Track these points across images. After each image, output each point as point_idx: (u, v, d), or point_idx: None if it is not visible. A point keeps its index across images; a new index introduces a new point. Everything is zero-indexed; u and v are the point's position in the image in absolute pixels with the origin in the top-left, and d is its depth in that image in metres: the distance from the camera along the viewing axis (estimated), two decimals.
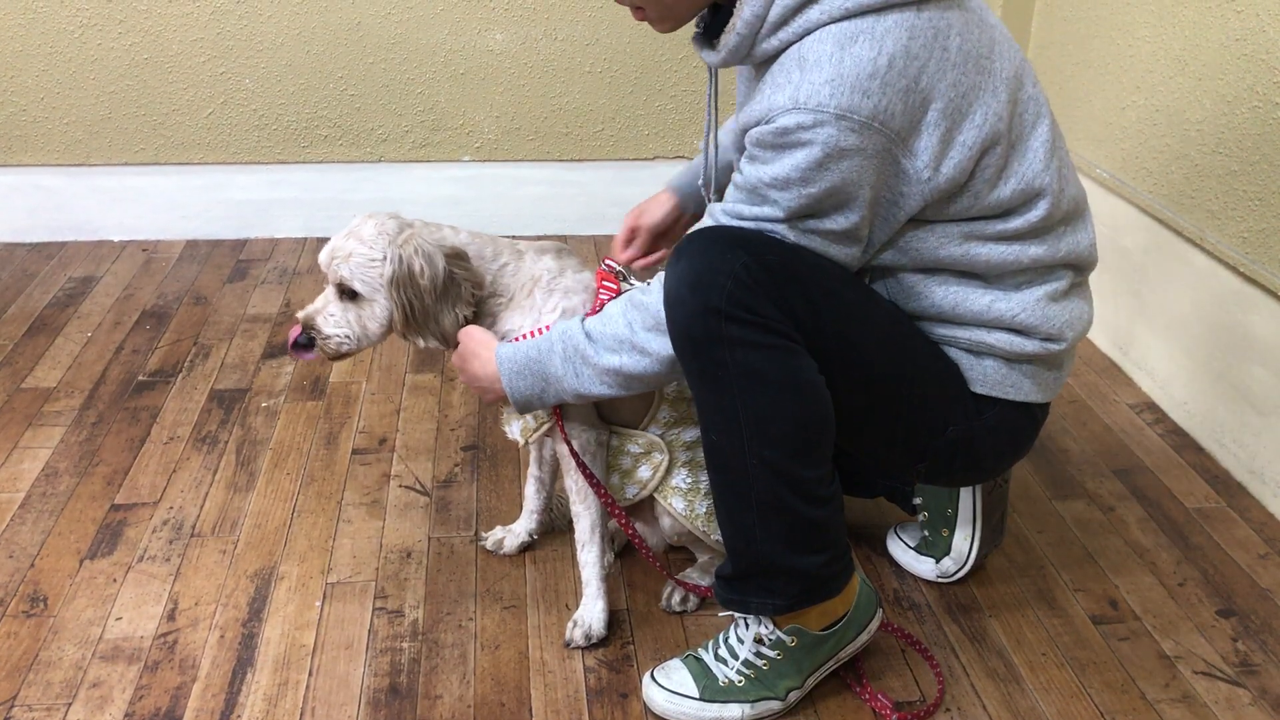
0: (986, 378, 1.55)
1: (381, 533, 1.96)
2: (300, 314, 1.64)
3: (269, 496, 2.06)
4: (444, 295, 1.60)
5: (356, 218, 1.64)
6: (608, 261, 1.69)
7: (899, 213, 1.42)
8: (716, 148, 1.66)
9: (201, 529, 1.96)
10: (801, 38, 1.36)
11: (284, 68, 3.07)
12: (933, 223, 1.46)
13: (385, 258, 1.58)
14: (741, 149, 1.47)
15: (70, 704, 1.59)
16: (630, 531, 1.69)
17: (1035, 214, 1.47)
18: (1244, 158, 2.11)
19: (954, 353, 1.55)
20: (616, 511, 1.68)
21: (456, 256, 1.61)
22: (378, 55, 3.08)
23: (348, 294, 1.62)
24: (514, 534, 1.91)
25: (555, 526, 1.96)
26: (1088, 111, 2.67)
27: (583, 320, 1.53)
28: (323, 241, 3.19)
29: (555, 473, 1.89)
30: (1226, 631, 1.77)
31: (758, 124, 1.38)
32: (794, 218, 1.39)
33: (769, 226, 1.41)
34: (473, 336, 1.62)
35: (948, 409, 1.55)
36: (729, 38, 1.40)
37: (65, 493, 2.06)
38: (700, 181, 1.72)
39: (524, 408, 1.60)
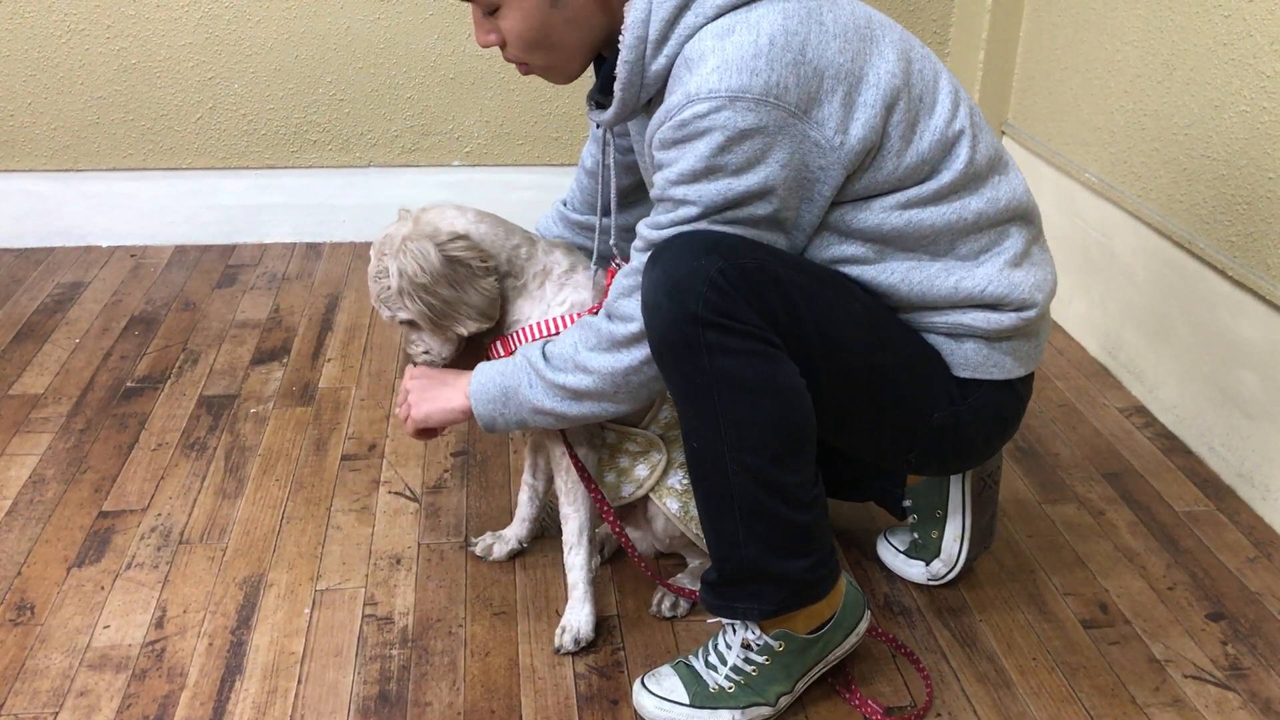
0: (968, 360, 1.55)
1: (371, 539, 1.96)
2: (405, 351, 1.71)
3: (258, 503, 2.05)
4: (455, 280, 1.59)
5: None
6: (619, 263, 1.70)
7: (823, 188, 1.42)
8: (614, 213, 1.69)
9: (190, 536, 1.96)
10: (679, 51, 1.40)
11: (273, 72, 3.06)
12: (868, 199, 1.46)
13: (390, 274, 1.60)
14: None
15: (57, 713, 1.59)
16: (619, 532, 1.69)
17: (959, 161, 1.48)
18: (1232, 161, 2.11)
19: (934, 339, 1.55)
20: (609, 514, 1.68)
21: (453, 239, 1.60)
22: (367, 60, 3.07)
23: (408, 323, 1.65)
24: (504, 540, 1.90)
25: (546, 533, 1.95)
26: (1076, 115, 2.67)
27: (544, 343, 1.57)
28: (312, 247, 3.19)
29: (549, 482, 1.89)
30: (1216, 635, 1.77)
31: (659, 128, 1.40)
32: (711, 212, 1.40)
33: (689, 228, 1.42)
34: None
35: (931, 396, 1.55)
36: (620, 69, 1.42)
37: (52, 500, 2.05)
38: (594, 261, 1.75)
39: (488, 424, 1.61)
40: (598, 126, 1.67)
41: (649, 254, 1.44)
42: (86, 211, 3.14)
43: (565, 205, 1.85)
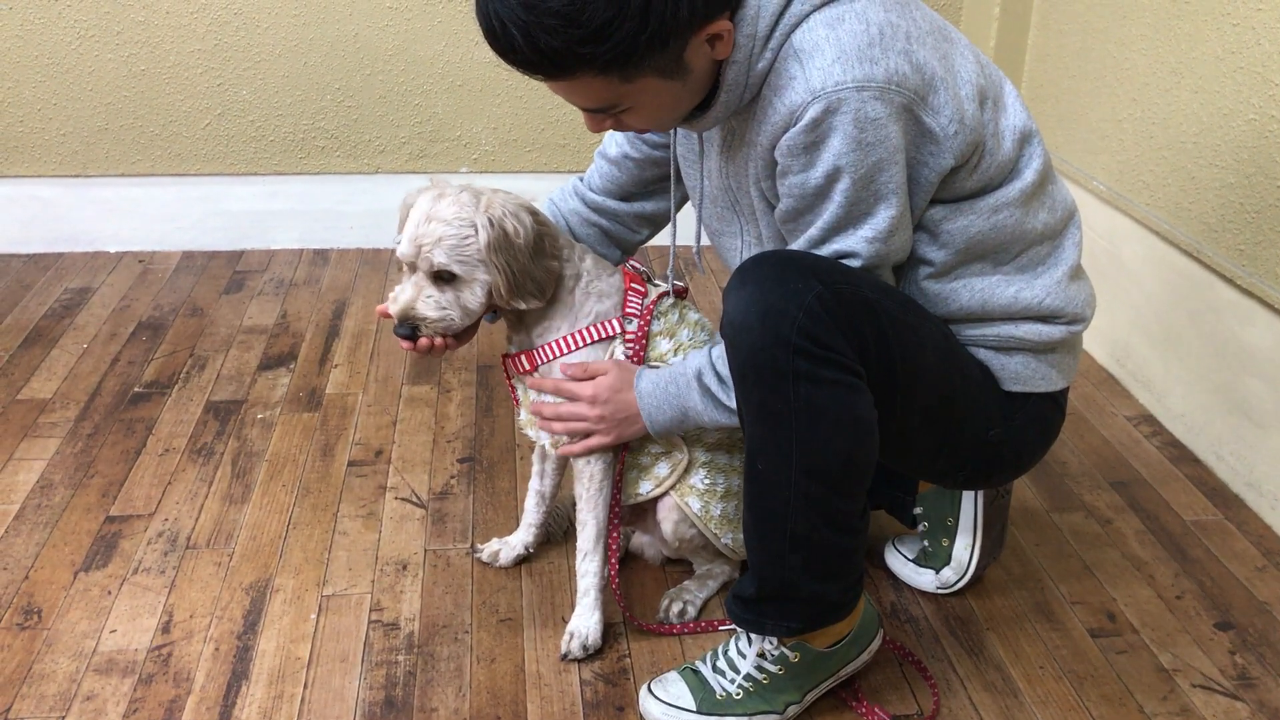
0: (1018, 375, 1.56)
1: (377, 545, 1.96)
2: (394, 308, 1.58)
3: (264, 508, 2.05)
4: (537, 251, 1.59)
5: (420, 196, 1.58)
6: (632, 263, 1.70)
7: (930, 173, 1.41)
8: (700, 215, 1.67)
9: (197, 541, 1.96)
10: (784, 43, 1.37)
11: (281, 79, 3.07)
12: (957, 201, 1.46)
13: (476, 228, 1.55)
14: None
15: (64, 717, 1.58)
16: (614, 558, 1.71)
17: (1036, 160, 1.49)
18: (1240, 170, 2.11)
19: (983, 353, 1.55)
20: (615, 530, 1.70)
21: (538, 215, 1.61)
22: (375, 66, 3.08)
23: (444, 278, 1.57)
24: (510, 546, 1.90)
25: (553, 539, 1.95)
26: (1084, 124, 2.67)
27: (712, 360, 1.53)
28: (320, 253, 3.19)
29: (556, 486, 1.89)
30: (1224, 644, 1.76)
31: (784, 131, 1.38)
32: (854, 207, 1.38)
33: (843, 242, 1.41)
34: (623, 367, 1.63)
35: (987, 415, 1.56)
36: (729, 71, 1.38)
37: (60, 504, 2.05)
38: (669, 270, 1.75)
39: (663, 435, 1.63)
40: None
41: (737, 271, 1.42)
42: (95, 217, 3.15)
43: (582, 182, 1.82)
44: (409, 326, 1.58)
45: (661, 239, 1.87)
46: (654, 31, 1.28)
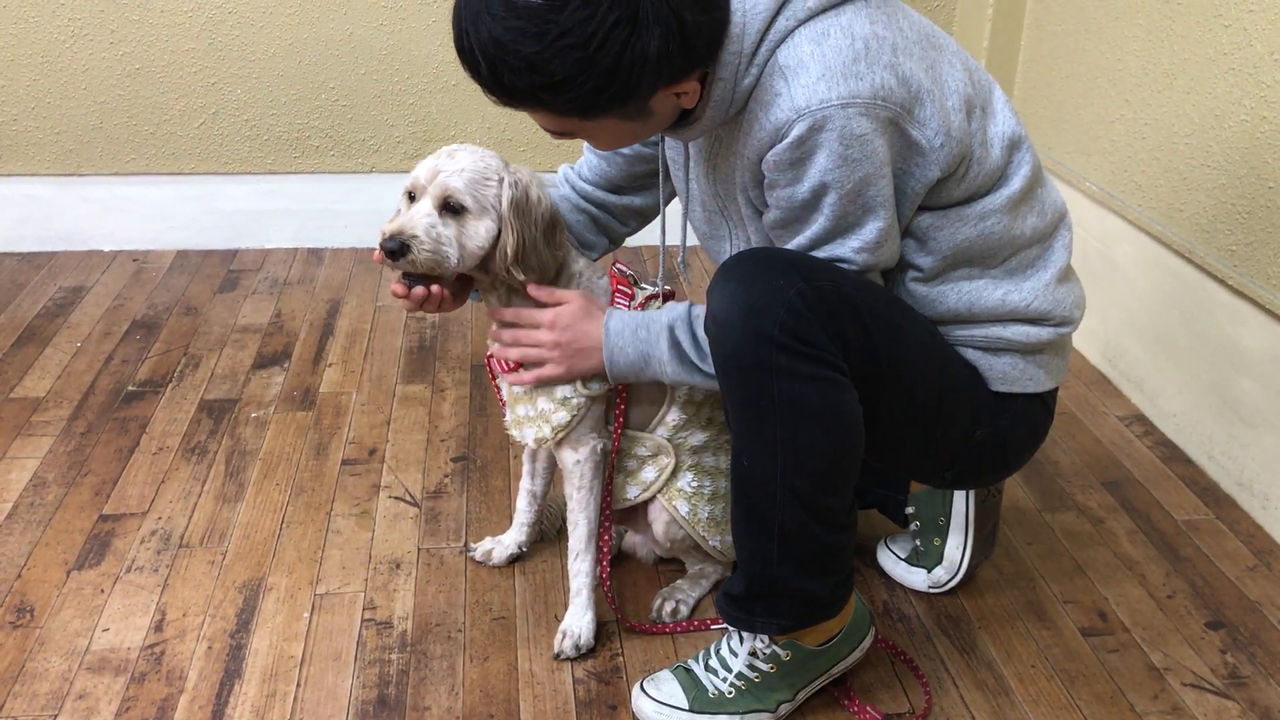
0: (1005, 375, 1.56)
1: (370, 544, 1.96)
2: (388, 226, 1.53)
3: (258, 507, 2.05)
4: (548, 230, 1.59)
5: (446, 147, 1.58)
6: (619, 265, 1.70)
7: (916, 184, 1.42)
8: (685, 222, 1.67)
9: (190, 540, 1.96)
10: (769, 59, 1.37)
11: (276, 78, 3.07)
12: (945, 208, 1.46)
13: (501, 180, 1.55)
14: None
15: (56, 715, 1.59)
16: (604, 563, 1.70)
17: (1025, 166, 1.49)
18: (1232, 171, 2.12)
19: (971, 354, 1.56)
20: (607, 533, 1.70)
21: (552, 199, 1.62)
22: (370, 66, 3.08)
23: (452, 209, 1.53)
24: (503, 545, 1.90)
25: (545, 537, 1.95)
26: (1077, 125, 2.68)
27: (690, 318, 1.52)
28: (314, 252, 3.19)
29: (547, 486, 1.89)
30: (1215, 644, 1.77)
31: (770, 146, 1.38)
32: (841, 219, 1.39)
33: (832, 251, 1.42)
34: (588, 298, 1.61)
35: (974, 414, 1.56)
36: (715, 89, 1.39)
37: (53, 503, 2.05)
38: (660, 274, 1.75)
39: (618, 378, 1.59)
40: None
41: (721, 267, 1.43)
42: (89, 216, 3.15)
43: (573, 170, 1.82)
44: (398, 242, 1.51)
45: (652, 238, 1.87)
46: (616, 91, 1.30)
